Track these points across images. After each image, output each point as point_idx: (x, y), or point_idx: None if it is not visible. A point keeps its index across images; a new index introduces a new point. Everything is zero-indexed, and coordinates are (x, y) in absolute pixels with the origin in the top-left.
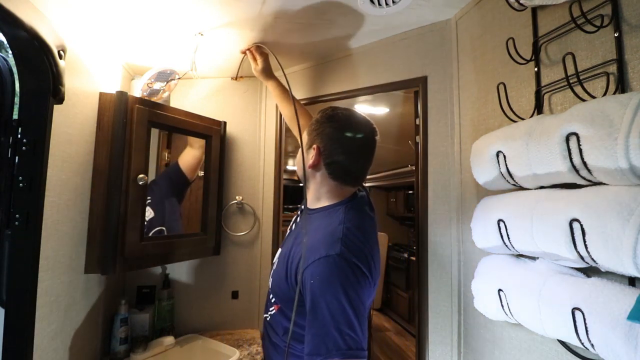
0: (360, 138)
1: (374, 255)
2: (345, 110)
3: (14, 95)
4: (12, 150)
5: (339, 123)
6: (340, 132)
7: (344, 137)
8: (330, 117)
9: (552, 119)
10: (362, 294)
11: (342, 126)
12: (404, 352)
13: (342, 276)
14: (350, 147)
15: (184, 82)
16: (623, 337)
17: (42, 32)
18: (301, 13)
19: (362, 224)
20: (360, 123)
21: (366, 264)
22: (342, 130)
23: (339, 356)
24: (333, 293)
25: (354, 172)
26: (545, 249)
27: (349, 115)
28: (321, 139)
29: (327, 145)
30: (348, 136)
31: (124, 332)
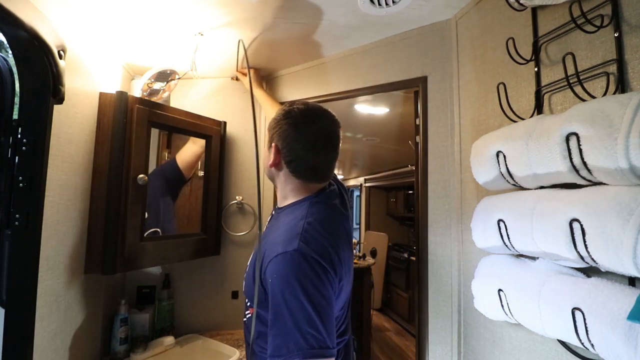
0: (319, 131)
1: (340, 249)
2: (301, 105)
3: (14, 95)
4: (12, 150)
5: (295, 118)
6: (297, 128)
7: (301, 132)
8: (286, 113)
9: (552, 119)
10: (324, 290)
11: (298, 121)
12: (404, 352)
13: (299, 273)
14: (309, 142)
15: (184, 82)
16: (623, 337)
17: (42, 32)
18: (301, 13)
19: (327, 218)
20: (318, 116)
21: (328, 259)
22: (298, 125)
23: (300, 356)
24: (291, 291)
25: (317, 167)
26: (545, 249)
27: (306, 109)
28: (279, 136)
29: (285, 143)
30: (305, 131)
31: (124, 332)
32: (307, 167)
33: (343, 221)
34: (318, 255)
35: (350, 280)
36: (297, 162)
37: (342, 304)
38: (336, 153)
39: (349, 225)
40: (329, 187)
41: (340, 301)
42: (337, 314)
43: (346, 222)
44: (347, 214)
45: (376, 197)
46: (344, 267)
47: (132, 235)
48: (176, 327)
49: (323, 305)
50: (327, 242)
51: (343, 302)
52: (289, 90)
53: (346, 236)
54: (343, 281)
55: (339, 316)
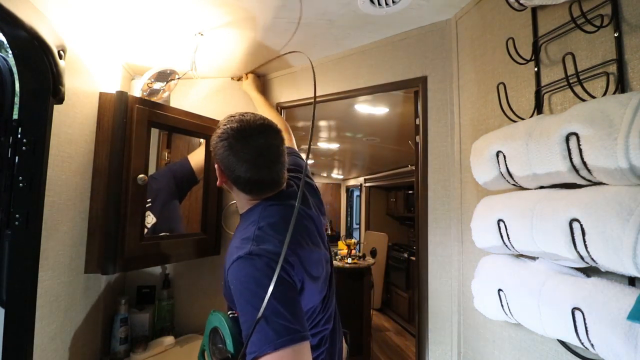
0: (255, 150)
1: (298, 247)
2: (235, 123)
3: (14, 95)
4: (12, 150)
5: (229, 140)
6: (232, 149)
7: (237, 153)
8: (221, 134)
9: (552, 119)
10: (281, 280)
11: (232, 143)
12: (404, 352)
13: (255, 272)
14: (248, 161)
15: (184, 82)
16: (623, 337)
17: (42, 32)
18: (301, 13)
19: (280, 219)
20: (251, 134)
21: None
22: (233, 147)
23: (272, 348)
24: (251, 290)
25: (262, 182)
26: (545, 249)
27: (238, 128)
28: (219, 158)
29: (225, 165)
30: (241, 151)
31: (124, 332)
32: (253, 184)
33: (303, 219)
34: (270, 253)
35: (322, 274)
36: (241, 181)
37: (314, 297)
38: (280, 164)
39: (312, 223)
40: (288, 188)
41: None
42: (313, 305)
43: (307, 220)
44: (310, 212)
45: (376, 197)
46: (305, 263)
47: (132, 235)
48: (176, 327)
49: (284, 293)
50: (279, 241)
51: (314, 295)
52: (289, 90)
53: (307, 235)
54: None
55: (314, 307)
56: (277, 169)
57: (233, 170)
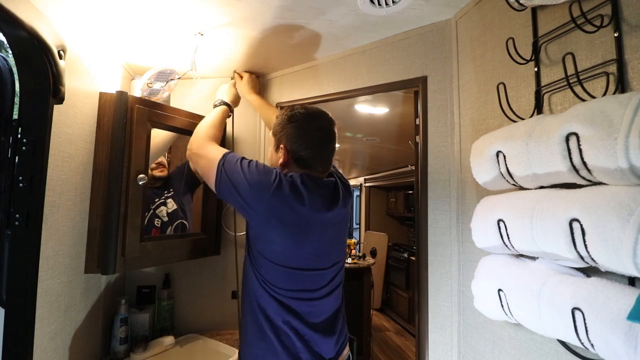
0: (320, 130)
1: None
2: (302, 109)
3: (14, 95)
4: (12, 150)
5: (298, 122)
6: (301, 129)
7: (306, 134)
8: (290, 117)
9: (552, 119)
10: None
11: (301, 124)
12: (404, 352)
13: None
14: (314, 140)
15: (184, 82)
16: (623, 337)
17: (42, 32)
18: (301, 13)
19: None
20: (317, 117)
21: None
22: (302, 127)
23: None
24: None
25: (320, 162)
26: (545, 249)
27: (306, 112)
28: (286, 138)
29: (292, 143)
30: (310, 132)
31: (124, 332)
32: (313, 160)
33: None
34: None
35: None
36: (303, 159)
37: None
38: (334, 147)
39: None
40: (327, 177)
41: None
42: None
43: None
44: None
45: (376, 197)
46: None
47: (132, 235)
48: (176, 327)
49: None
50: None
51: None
52: (289, 90)
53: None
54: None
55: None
56: (330, 155)
57: (299, 148)
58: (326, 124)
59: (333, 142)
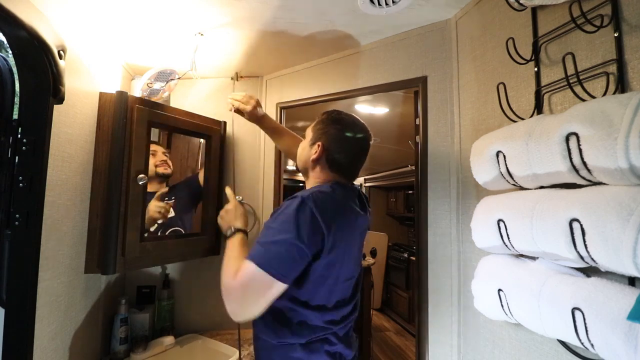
0: (359, 142)
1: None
2: (348, 116)
3: (14, 95)
4: (12, 150)
5: (342, 126)
6: (343, 134)
7: (346, 139)
8: (336, 119)
9: (552, 119)
10: (307, 234)
11: (345, 130)
12: (404, 352)
13: (294, 212)
14: (350, 148)
15: (184, 82)
16: (623, 337)
17: (42, 32)
18: (301, 13)
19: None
20: (361, 129)
21: (325, 215)
22: (345, 133)
23: (257, 262)
24: (281, 219)
25: (350, 169)
26: (545, 249)
27: (353, 120)
28: (326, 137)
29: (330, 144)
30: (350, 139)
31: (124, 332)
32: (345, 166)
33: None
34: (317, 209)
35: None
36: (336, 162)
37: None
38: (364, 161)
39: (362, 220)
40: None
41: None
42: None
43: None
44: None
45: (376, 197)
46: (340, 236)
47: (132, 235)
48: (176, 327)
49: (291, 243)
50: (331, 207)
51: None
52: (289, 90)
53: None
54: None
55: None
56: (361, 166)
57: (335, 151)
58: (367, 137)
59: (366, 156)
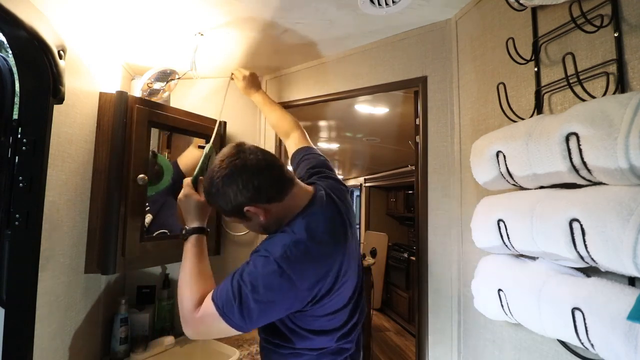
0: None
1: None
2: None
3: (14, 95)
4: (12, 150)
5: (227, 181)
6: (238, 183)
7: (243, 183)
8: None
9: (552, 119)
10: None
11: (231, 180)
12: (404, 352)
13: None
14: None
15: (184, 82)
16: (623, 337)
17: (42, 32)
18: (301, 13)
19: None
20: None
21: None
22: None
23: (217, 305)
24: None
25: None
26: (545, 249)
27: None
28: (245, 199)
29: (248, 199)
30: (241, 178)
31: (124, 332)
32: (280, 184)
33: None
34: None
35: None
36: (268, 193)
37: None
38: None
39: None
40: (317, 192)
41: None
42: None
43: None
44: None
45: (376, 197)
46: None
47: (132, 235)
48: (176, 327)
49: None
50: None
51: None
52: (289, 90)
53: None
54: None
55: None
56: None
57: (259, 198)
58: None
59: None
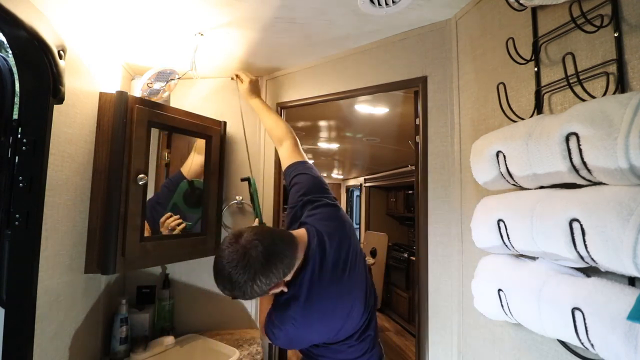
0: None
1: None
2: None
3: (14, 95)
4: (12, 150)
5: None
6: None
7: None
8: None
9: (552, 119)
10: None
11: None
12: (404, 352)
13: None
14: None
15: (184, 82)
16: (623, 337)
17: (42, 32)
18: (301, 13)
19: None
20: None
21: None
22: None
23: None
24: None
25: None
26: (545, 249)
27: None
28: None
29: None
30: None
31: (124, 332)
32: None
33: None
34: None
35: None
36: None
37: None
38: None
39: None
40: (310, 247)
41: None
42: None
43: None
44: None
45: (376, 197)
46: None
47: (132, 235)
48: (176, 327)
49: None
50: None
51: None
52: (289, 90)
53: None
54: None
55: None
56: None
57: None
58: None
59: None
